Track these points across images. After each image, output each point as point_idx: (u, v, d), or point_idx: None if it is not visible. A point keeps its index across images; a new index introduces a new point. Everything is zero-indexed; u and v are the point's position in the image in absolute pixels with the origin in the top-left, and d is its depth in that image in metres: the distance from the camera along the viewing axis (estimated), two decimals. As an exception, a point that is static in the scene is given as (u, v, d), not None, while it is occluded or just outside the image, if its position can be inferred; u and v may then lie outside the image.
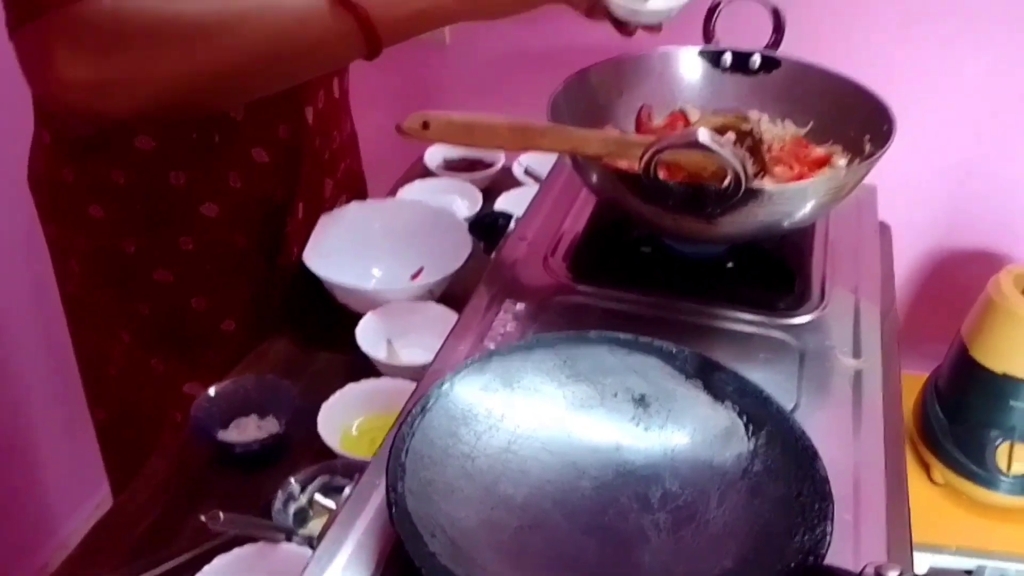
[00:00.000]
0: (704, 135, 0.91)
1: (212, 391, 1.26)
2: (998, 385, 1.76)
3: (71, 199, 1.37)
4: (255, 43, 1.06)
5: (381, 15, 1.08)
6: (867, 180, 1.11)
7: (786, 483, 0.76)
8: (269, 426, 1.25)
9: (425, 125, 1.04)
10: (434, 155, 1.95)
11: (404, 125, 1.05)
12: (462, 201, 1.79)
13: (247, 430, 1.25)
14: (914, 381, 1.98)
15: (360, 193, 1.72)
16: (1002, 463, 1.77)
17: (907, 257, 2.08)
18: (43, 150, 1.38)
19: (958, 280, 2.06)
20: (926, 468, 1.91)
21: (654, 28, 1.24)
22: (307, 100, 1.41)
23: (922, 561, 1.81)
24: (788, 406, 0.85)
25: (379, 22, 1.08)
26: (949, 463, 1.84)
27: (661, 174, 0.96)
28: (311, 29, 1.07)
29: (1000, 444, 1.77)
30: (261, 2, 1.06)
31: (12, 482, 2.35)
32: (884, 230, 1.29)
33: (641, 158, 0.95)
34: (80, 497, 2.48)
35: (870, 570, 0.64)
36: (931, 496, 1.89)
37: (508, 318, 1.03)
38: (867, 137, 1.16)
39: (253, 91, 1.18)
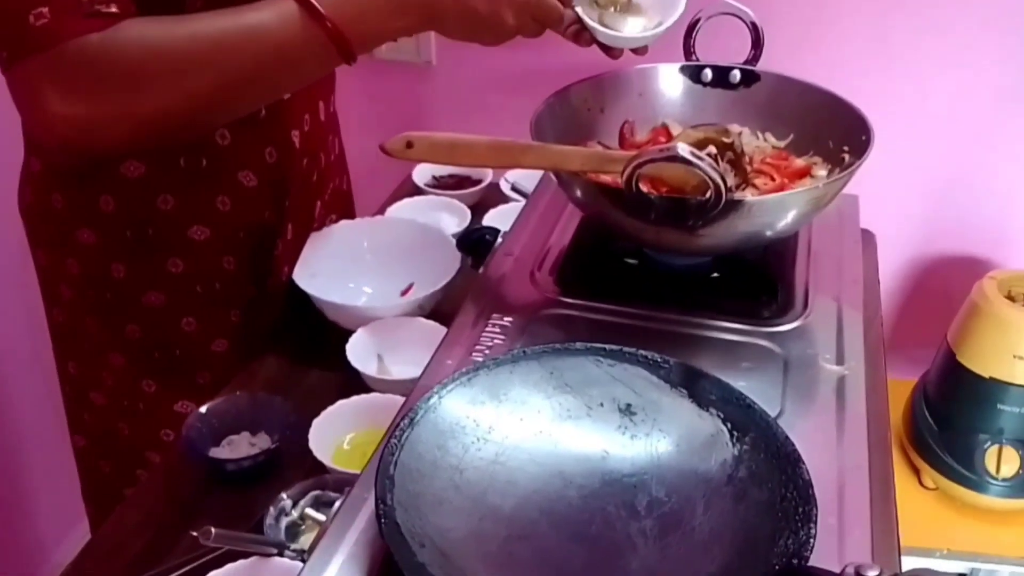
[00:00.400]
0: (684, 149, 0.92)
1: (204, 409, 1.27)
2: (985, 389, 1.77)
3: (60, 225, 1.37)
4: (235, 69, 1.10)
5: (351, 28, 1.11)
6: (849, 190, 1.13)
7: (770, 488, 0.77)
8: (261, 442, 1.26)
9: (409, 145, 1.06)
10: (422, 173, 1.95)
11: (388, 146, 1.06)
12: (450, 218, 1.79)
13: (239, 447, 1.26)
14: (903, 387, 1.98)
15: (348, 212, 1.72)
16: (991, 466, 1.78)
17: (893, 264, 2.09)
18: (32, 177, 1.39)
19: (943, 286, 2.07)
20: (916, 473, 1.91)
21: (640, 50, 1.25)
22: (293, 124, 1.42)
23: (913, 565, 1.81)
24: (772, 413, 0.86)
25: (349, 32, 1.10)
26: (939, 467, 1.84)
27: (643, 188, 0.98)
28: (286, 48, 1.10)
29: (989, 447, 1.78)
30: (237, 28, 1.09)
31: (2, 507, 2.35)
32: (868, 238, 1.30)
33: (623, 172, 0.96)
34: (72, 520, 2.47)
35: (850, 570, 0.65)
36: (922, 500, 1.89)
37: (496, 332, 1.04)
38: (846, 148, 1.17)
39: (237, 112, 1.22)
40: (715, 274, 1.14)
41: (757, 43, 1.28)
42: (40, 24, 1.01)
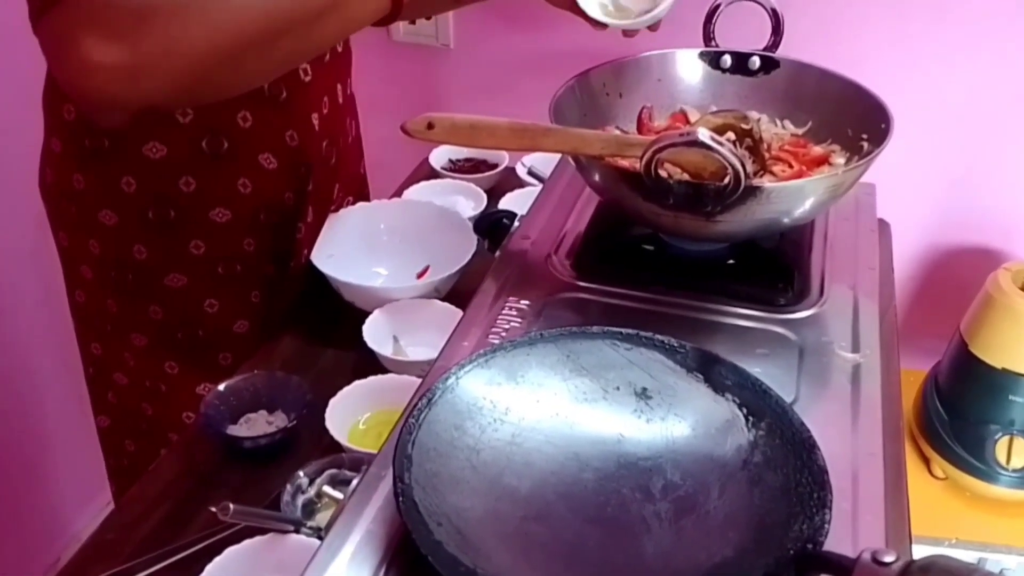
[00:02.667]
0: (704, 134, 0.92)
1: (222, 387, 1.27)
2: (997, 380, 1.76)
3: (82, 206, 1.38)
4: (277, 6, 1.04)
5: None
6: (866, 178, 1.13)
7: (785, 473, 0.77)
8: (278, 421, 1.26)
9: (430, 126, 1.05)
10: (439, 157, 1.95)
11: (409, 126, 1.06)
12: (467, 201, 1.79)
13: (257, 425, 1.26)
14: (914, 377, 1.98)
15: (363, 195, 1.73)
16: (1002, 457, 1.78)
17: (907, 254, 2.08)
18: (53, 158, 1.39)
19: (957, 277, 2.07)
20: (927, 463, 1.91)
21: (630, 33, 1.26)
22: (313, 106, 1.42)
23: (922, 554, 1.81)
24: (788, 399, 0.86)
25: None
26: (949, 457, 1.84)
27: (662, 173, 0.97)
28: None
29: (1000, 438, 1.78)
30: None
31: (23, 480, 2.36)
32: (884, 227, 1.29)
33: (642, 157, 0.96)
34: (90, 494, 2.49)
35: (866, 555, 0.65)
36: (932, 490, 1.89)
37: (512, 315, 1.04)
38: (864, 136, 1.17)
39: (278, 60, 1.14)
40: (731, 261, 1.14)
41: (777, 30, 1.28)
42: None
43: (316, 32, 1.10)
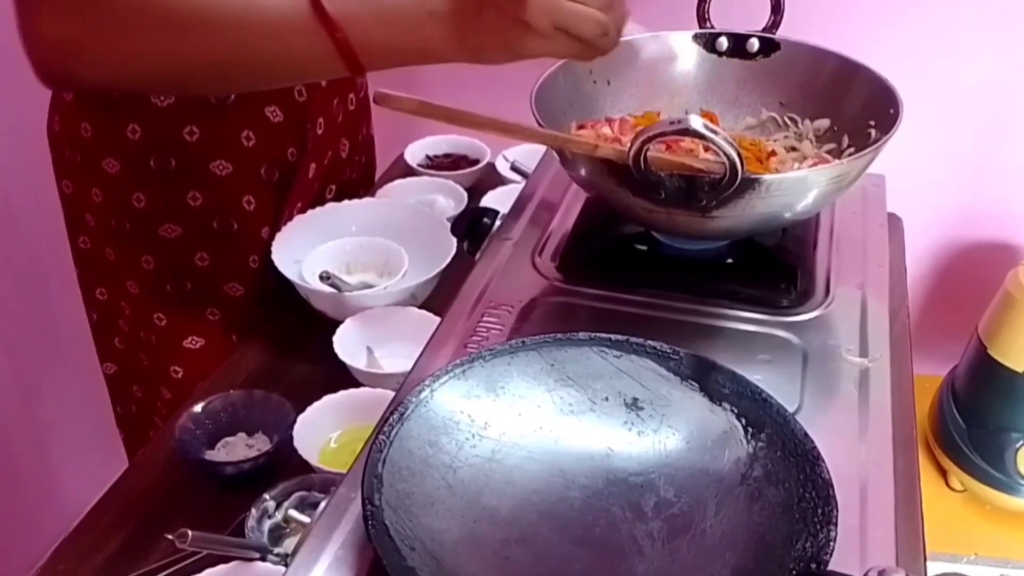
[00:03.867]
0: (696, 121, 0.91)
1: (198, 408, 1.27)
2: (1018, 385, 1.77)
3: (88, 154, 1.46)
4: (227, 48, 1.13)
5: (364, 41, 1.12)
6: (875, 168, 1.12)
7: (787, 488, 0.76)
8: (259, 444, 1.26)
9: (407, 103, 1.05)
10: (415, 153, 1.95)
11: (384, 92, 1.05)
12: (445, 200, 1.79)
13: (236, 449, 1.26)
14: (929, 382, 1.98)
15: (370, 157, 1.82)
16: (1023, 467, 1.78)
17: (920, 250, 2.09)
18: (62, 106, 1.48)
19: (974, 274, 2.07)
20: (943, 474, 1.91)
21: None
22: None
23: (939, 571, 1.82)
24: (791, 408, 0.86)
25: (360, 49, 1.12)
26: (968, 468, 1.84)
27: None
28: (288, 44, 1.13)
29: (1021, 447, 1.78)
30: (245, 9, 1.11)
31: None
32: (895, 222, 1.29)
33: (630, 148, 0.95)
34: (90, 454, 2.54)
35: (873, 575, 0.65)
36: (949, 503, 1.89)
37: (493, 321, 1.04)
38: (872, 122, 1.17)
39: (222, 89, 1.30)
40: (730, 260, 1.14)
41: (777, 8, 1.27)
42: None
43: (260, 79, 1.25)
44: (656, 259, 1.14)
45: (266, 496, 1.12)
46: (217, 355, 1.52)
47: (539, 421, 0.85)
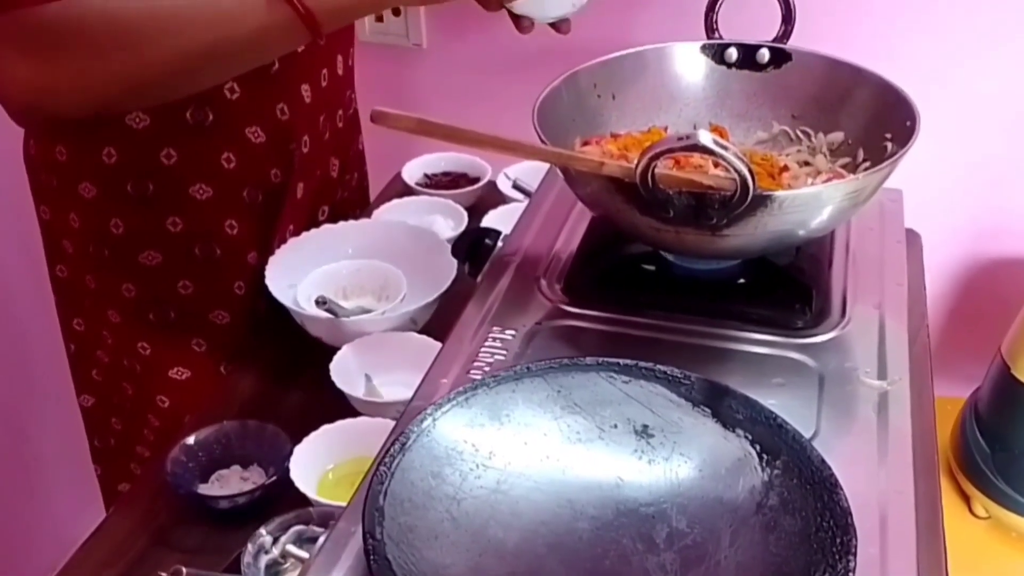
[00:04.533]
0: (706, 137, 0.92)
1: (190, 440, 1.28)
2: (1045, 407, 1.77)
3: (63, 178, 1.47)
4: (193, 42, 1.20)
5: (319, 3, 1.18)
6: (892, 183, 1.12)
7: (804, 517, 0.76)
8: (254, 477, 1.26)
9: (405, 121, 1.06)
10: (413, 171, 1.95)
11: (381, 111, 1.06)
12: (445, 220, 1.80)
13: (230, 482, 1.26)
14: (951, 405, 1.98)
15: (362, 173, 1.84)
16: (1051, 493, 1.78)
17: (940, 267, 2.08)
18: (37, 130, 1.48)
19: (997, 291, 2.07)
20: (967, 500, 1.91)
21: (561, 28, 1.32)
22: (309, 78, 1.49)
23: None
24: (807, 433, 0.86)
25: (318, 10, 1.19)
26: (992, 494, 1.84)
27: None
28: (249, 23, 1.19)
29: (1048, 472, 1.78)
30: (206, 5, 1.19)
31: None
32: (913, 238, 1.29)
33: (637, 164, 0.96)
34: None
35: (895, 608, 0.65)
36: (973, 531, 1.89)
37: (497, 346, 1.04)
38: (888, 135, 1.17)
39: (197, 85, 1.31)
40: (742, 280, 1.14)
41: (788, 17, 1.28)
42: None
43: (230, 64, 1.29)
44: (665, 280, 1.14)
45: (262, 531, 1.12)
46: (204, 386, 1.53)
47: (546, 450, 0.85)
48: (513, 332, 1.06)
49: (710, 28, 1.31)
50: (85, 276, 1.54)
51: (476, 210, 1.81)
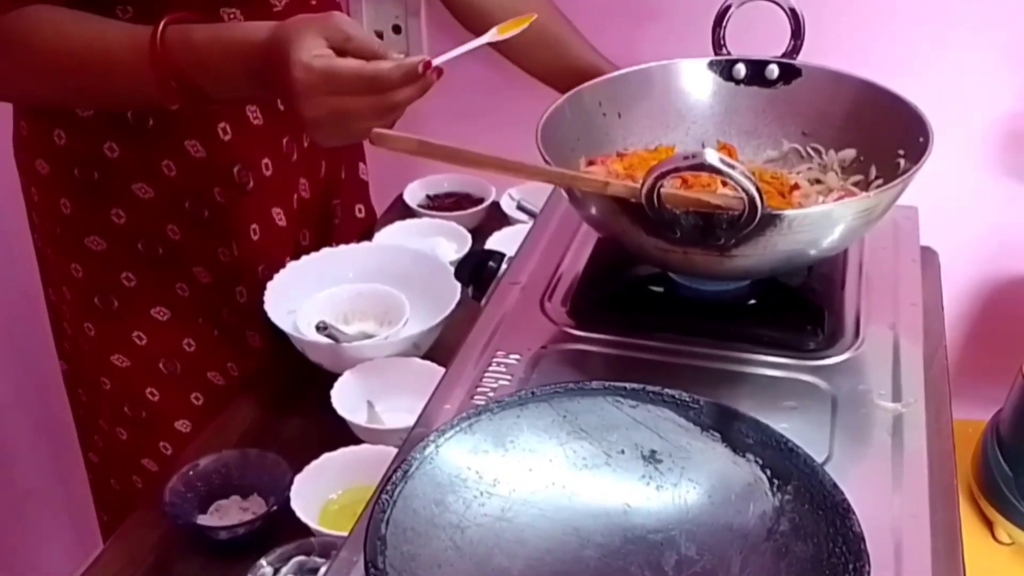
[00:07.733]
0: (713, 155, 0.92)
1: (189, 470, 1.28)
2: (1069, 429, 1.77)
3: (25, 152, 1.57)
4: (80, 85, 1.32)
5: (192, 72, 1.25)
6: (906, 200, 1.12)
7: (816, 543, 0.77)
8: (254, 507, 1.26)
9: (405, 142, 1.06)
10: (415, 193, 1.96)
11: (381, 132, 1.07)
12: (448, 243, 1.80)
13: (230, 513, 1.27)
14: (972, 428, 1.98)
15: (367, 203, 1.86)
16: (1076, 518, 1.78)
17: (958, 286, 2.08)
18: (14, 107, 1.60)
19: (1017, 311, 2.07)
20: (990, 526, 1.91)
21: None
22: (254, 102, 1.50)
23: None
24: (820, 458, 0.86)
25: (192, 78, 1.25)
26: (1015, 519, 1.84)
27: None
28: (132, 78, 1.27)
29: (1073, 496, 1.78)
30: (96, 45, 1.27)
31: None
32: (930, 256, 1.29)
33: (643, 184, 0.96)
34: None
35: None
36: (997, 557, 1.89)
37: (501, 371, 1.04)
38: (901, 152, 1.17)
39: (101, 108, 1.45)
40: (752, 301, 1.14)
41: (797, 33, 1.28)
42: None
43: (118, 105, 1.43)
44: (673, 302, 1.14)
45: (263, 562, 1.12)
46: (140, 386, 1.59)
47: (551, 477, 0.85)
48: (518, 356, 1.06)
49: (717, 44, 1.31)
50: (47, 248, 1.61)
51: (480, 232, 1.81)
